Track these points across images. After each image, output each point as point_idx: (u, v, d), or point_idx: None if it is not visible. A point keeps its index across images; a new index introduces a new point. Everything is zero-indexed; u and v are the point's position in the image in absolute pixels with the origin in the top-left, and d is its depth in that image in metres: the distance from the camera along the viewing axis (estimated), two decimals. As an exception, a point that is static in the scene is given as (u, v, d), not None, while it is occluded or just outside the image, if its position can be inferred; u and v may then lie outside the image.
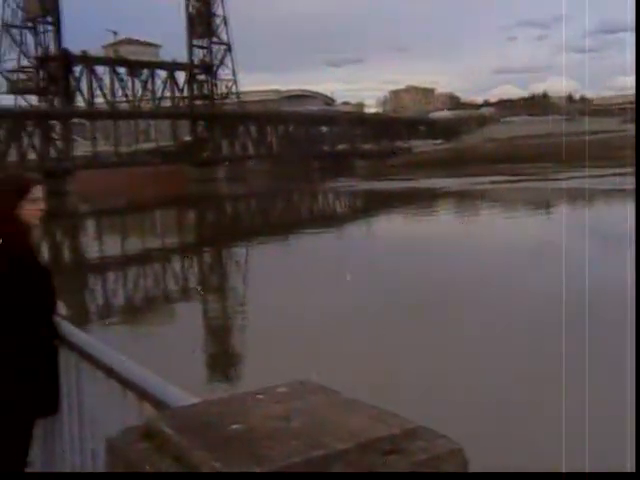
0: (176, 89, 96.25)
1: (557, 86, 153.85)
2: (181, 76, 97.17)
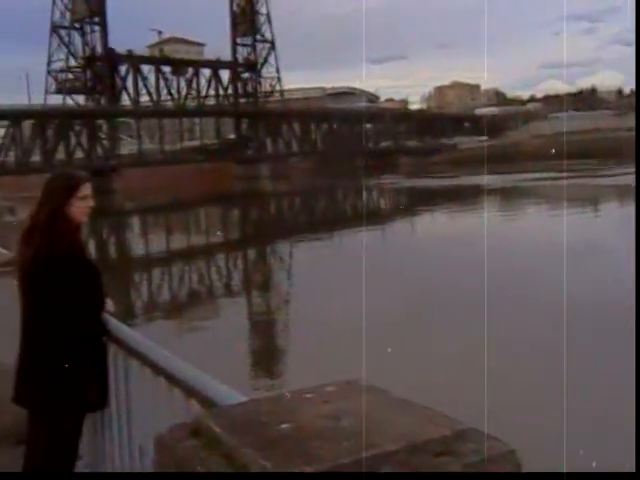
0: (220, 87, 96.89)
1: (606, 80, 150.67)
2: (225, 74, 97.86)
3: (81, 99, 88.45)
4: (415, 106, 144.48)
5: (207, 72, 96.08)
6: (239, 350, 14.12)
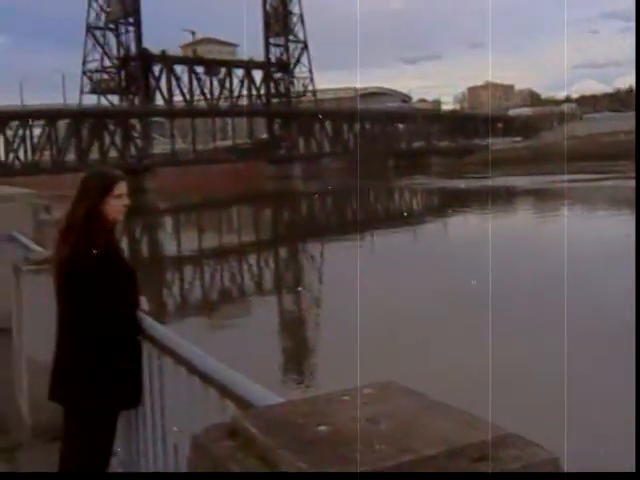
0: (253, 87, 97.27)
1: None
2: (258, 74, 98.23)
3: (115, 99, 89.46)
4: (448, 106, 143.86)
5: (240, 72, 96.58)
6: (269, 348, 14.14)
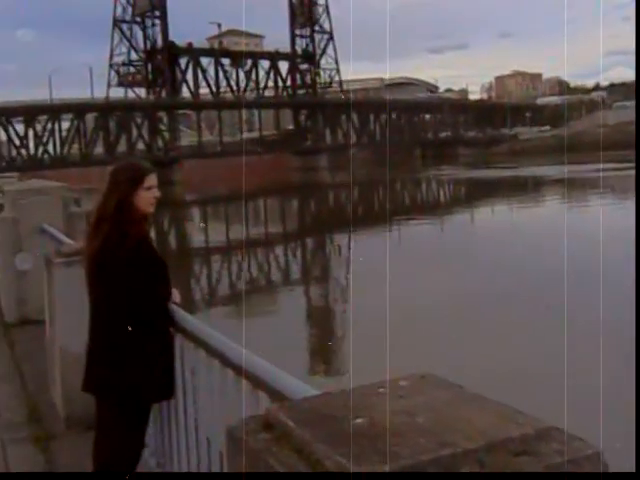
0: (279, 79, 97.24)
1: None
2: (284, 66, 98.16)
3: (142, 92, 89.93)
4: (475, 96, 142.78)
5: (266, 64, 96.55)
6: (297, 338, 14.18)
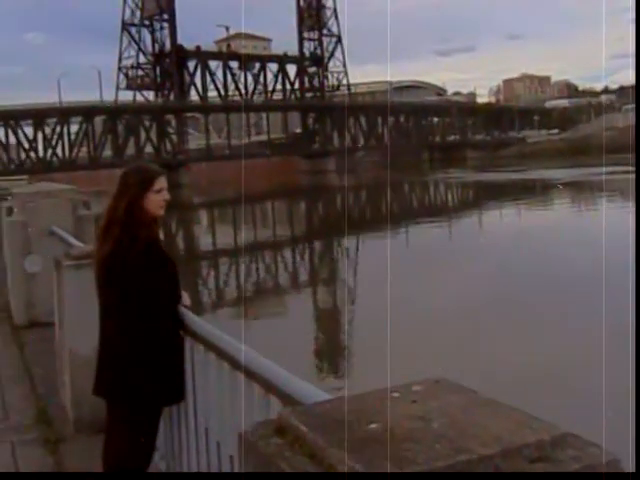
0: (287, 82, 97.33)
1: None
2: (292, 69, 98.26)
3: (151, 95, 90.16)
4: (483, 99, 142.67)
5: (274, 67, 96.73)
6: (304, 341, 14.17)
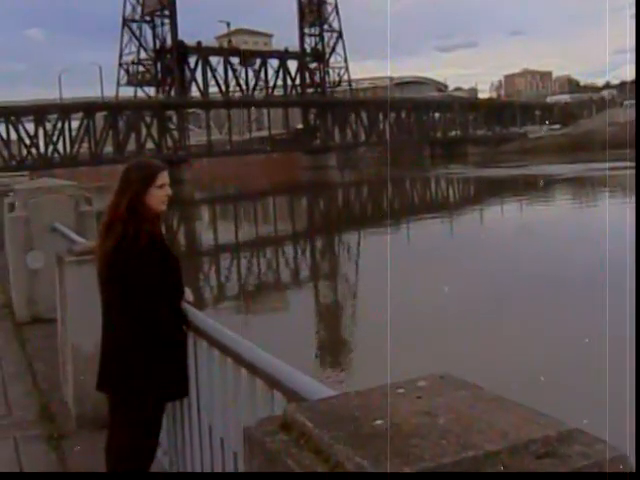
0: (288, 77, 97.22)
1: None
2: (293, 64, 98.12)
3: (152, 91, 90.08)
4: (484, 94, 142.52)
5: (275, 63, 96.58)
6: (306, 336, 14.18)
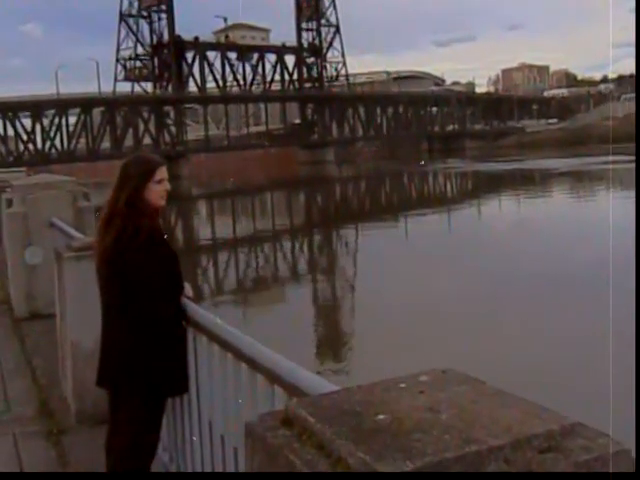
0: (285, 72, 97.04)
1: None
2: (290, 59, 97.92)
3: (149, 86, 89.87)
4: (482, 89, 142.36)
5: (272, 57, 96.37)
6: (304, 328, 14.21)
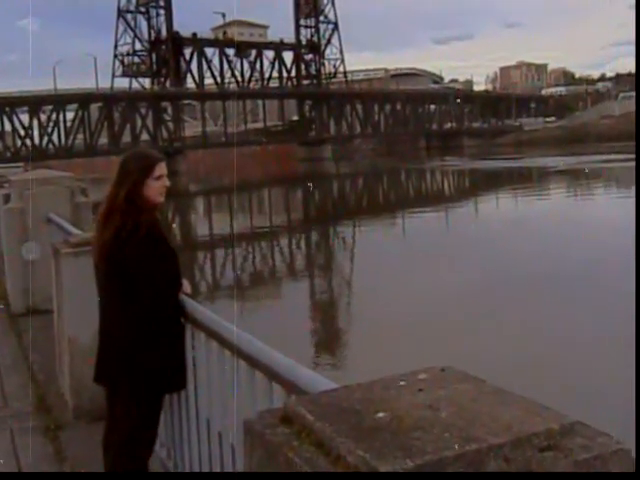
0: (284, 69, 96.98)
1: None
2: (288, 56, 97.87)
3: (147, 82, 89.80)
4: (480, 87, 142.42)
5: (270, 54, 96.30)
6: (301, 326, 14.23)
